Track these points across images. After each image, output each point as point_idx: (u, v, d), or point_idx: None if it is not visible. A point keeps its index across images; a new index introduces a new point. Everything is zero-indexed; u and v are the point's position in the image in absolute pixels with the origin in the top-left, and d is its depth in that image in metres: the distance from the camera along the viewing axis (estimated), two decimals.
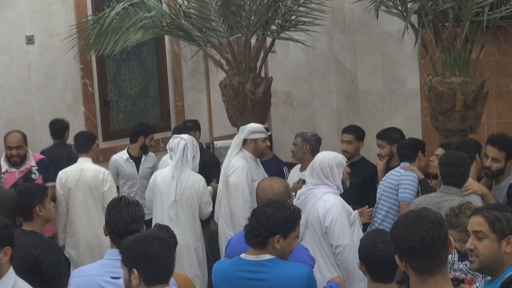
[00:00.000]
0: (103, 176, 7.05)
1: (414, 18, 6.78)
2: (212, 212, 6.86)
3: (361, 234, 5.29)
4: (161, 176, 6.64)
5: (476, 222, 3.35)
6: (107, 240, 4.20)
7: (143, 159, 7.90)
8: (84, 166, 7.04)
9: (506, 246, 3.27)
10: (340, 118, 8.92)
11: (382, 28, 8.13)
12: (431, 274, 2.94)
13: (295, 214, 4.01)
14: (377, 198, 6.16)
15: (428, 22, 6.60)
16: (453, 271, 4.56)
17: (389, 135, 6.73)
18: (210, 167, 7.56)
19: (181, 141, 6.54)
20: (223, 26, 7.79)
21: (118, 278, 3.91)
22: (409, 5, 6.68)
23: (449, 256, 4.53)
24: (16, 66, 8.03)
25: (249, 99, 7.88)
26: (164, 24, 8.06)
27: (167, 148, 6.71)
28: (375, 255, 3.68)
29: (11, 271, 3.71)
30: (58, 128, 7.69)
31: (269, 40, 8.19)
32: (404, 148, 6.25)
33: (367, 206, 5.88)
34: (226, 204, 6.52)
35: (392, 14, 6.90)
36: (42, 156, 7.31)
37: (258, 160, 6.71)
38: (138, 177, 7.84)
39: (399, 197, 5.92)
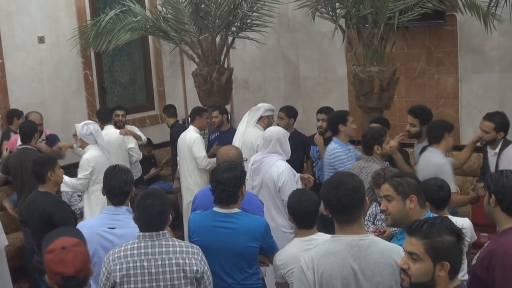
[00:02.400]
0: (123, 137, 7.19)
1: (342, 21, 6.79)
2: None
3: None
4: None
5: (385, 188, 3.37)
6: None
7: None
8: (109, 131, 7.14)
9: (409, 203, 3.30)
10: (287, 99, 8.93)
11: (318, 29, 8.12)
12: (347, 224, 3.02)
13: (242, 166, 4.13)
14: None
15: (353, 24, 6.59)
16: (376, 221, 4.63)
17: (331, 111, 6.65)
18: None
19: (95, 125, 6.28)
20: (194, 28, 7.73)
21: (113, 228, 3.94)
22: (338, 11, 6.68)
23: (374, 209, 4.64)
24: (31, 61, 7.89)
25: (215, 85, 7.86)
26: (148, 26, 7.96)
27: (85, 133, 6.13)
28: (301, 211, 3.84)
29: None
30: (8, 115, 7.34)
31: (230, 38, 8.14)
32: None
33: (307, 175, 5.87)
34: None
35: (325, 18, 6.89)
36: (50, 132, 7.22)
37: None
38: None
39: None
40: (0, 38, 7.58)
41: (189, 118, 7.57)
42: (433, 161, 5.13)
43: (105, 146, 6.27)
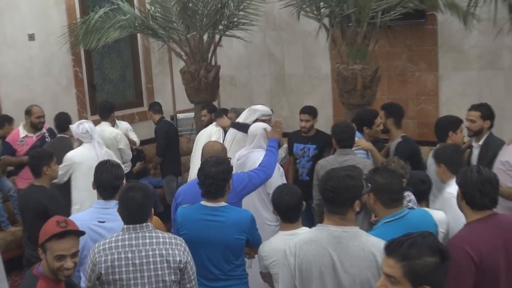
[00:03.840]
0: (116, 136, 7.06)
1: (326, 20, 6.79)
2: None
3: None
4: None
5: None
6: None
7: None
8: (103, 128, 7.03)
9: (369, 199, 3.39)
10: (272, 96, 8.96)
11: (303, 27, 8.14)
12: (333, 214, 3.05)
13: (229, 161, 4.10)
14: None
15: (337, 23, 6.60)
16: None
17: (314, 110, 6.59)
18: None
19: (90, 123, 6.12)
20: (182, 26, 7.71)
21: (103, 222, 3.95)
22: (322, 10, 6.69)
23: None
24: (22, 58, 7.86)
25: (203, 82, 7.85)
26: (136, 24, 7.93)
27: (81, 133, 5.98)
28: (282, 204, 3.88)
29: None
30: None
31: (217, 36, 8.13)
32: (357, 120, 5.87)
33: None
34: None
35: (309, 17, 6.90)
36: (49, 126, 7.24)
37: None
38: None
39: None
40: None
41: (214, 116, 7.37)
42: None
43: (100, 141, 6.11)
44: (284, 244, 3.25)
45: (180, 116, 8.99)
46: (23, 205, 5.05)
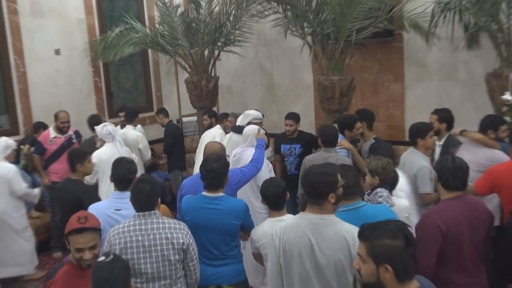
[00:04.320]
0: (137, 138, 7.10)
1: (309, 38, 6.84)
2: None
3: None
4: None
5: None
6: None
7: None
8: (127, 131, 7.14)
9: None
10: (263, 103, 8.99)
11: (290, 44, 8.16)
12: (313, 204, 3.08)
13: (225, 157, 4.14)
14: None
15: (318, 41, 6.65)
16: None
17: (297, 116, 6.60)
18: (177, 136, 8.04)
19: (112, 126, 6.15)
20: (186, 43, 7.75)
21: (119, 210, 3.98)
22: (305, 29, 6.74)
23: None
24: (49, 70, 7.85)
25: (204, 91, 7.88)
26: (147, 41, 7.95)
27: (104, 133, 6.01)
28: (269, 195, 3.92)
29: None
30: (37, 126, 7.40)
31: (216, 51, 8.16)
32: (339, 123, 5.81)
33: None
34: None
35: (295, 35, 6.94)
36: (75, 129, 7.28)
37: None
38: None
39: None
40: (23, 51, 7.55)
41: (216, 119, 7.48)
42: (414, 164, 4.77)
43: (121, 141, 6.16)
44: (272, 228, 3.30)
45: (184, 119, 9.01)
46: (60, 196, 5.01)
